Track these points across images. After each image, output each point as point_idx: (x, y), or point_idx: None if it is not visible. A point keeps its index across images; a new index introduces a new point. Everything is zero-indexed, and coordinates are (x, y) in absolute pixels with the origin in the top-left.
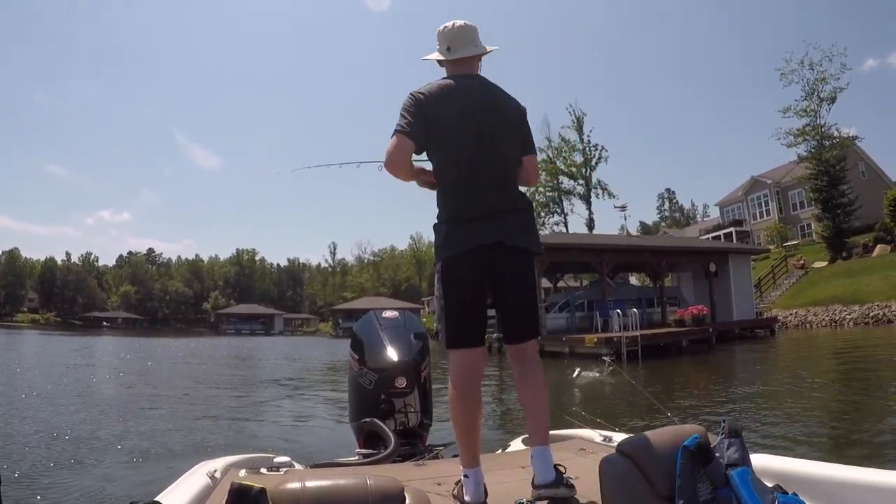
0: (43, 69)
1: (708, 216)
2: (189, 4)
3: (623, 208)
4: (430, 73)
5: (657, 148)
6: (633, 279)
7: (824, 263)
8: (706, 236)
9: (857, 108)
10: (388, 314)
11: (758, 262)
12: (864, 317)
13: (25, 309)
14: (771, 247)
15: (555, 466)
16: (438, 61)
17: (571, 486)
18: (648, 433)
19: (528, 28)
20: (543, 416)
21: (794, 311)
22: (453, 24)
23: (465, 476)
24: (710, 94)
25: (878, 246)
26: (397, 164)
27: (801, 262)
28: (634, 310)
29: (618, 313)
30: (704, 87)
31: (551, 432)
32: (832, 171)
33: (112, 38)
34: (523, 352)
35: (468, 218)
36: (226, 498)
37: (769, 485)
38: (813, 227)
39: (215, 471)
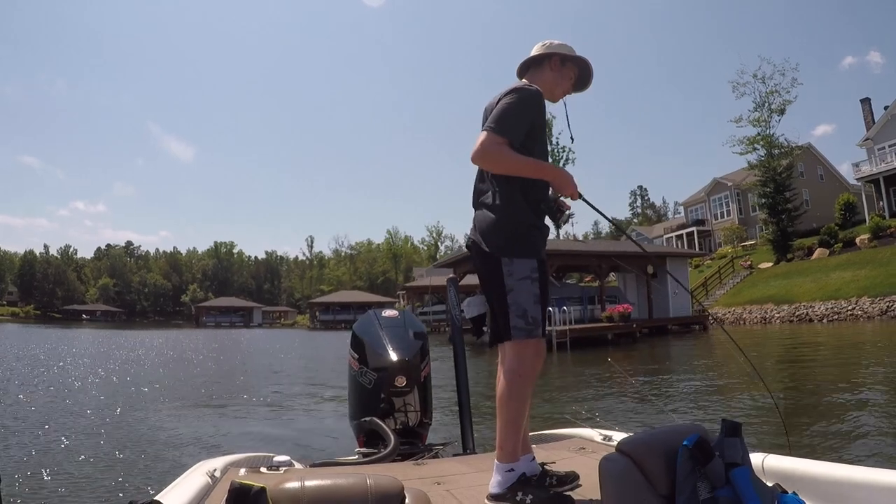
0: (14, 60)
1: (679, 213)
2: None
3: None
4: (429, 75)
5: (632, 144)
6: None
7: (769, 264)
8: (670, 235)
9: (836, 104)
10: (387, 313)
11: (713, 262)
12: (790, 315)
13: (5, 302)
14: (729, 247)
15: (542, 466)
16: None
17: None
18: (648, 432)
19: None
20: (499, 426)
21: (733, 308)
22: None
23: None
24: (687, 92)
25: (818, 249)
26: None
27: (748, 262)
28: (564, 307)
29: (563, 310)
30: (684, 84)
31: (551, 431)
32: (778, 178)
33: (86, 30)
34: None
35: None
36: (225, 497)
37: (769, 484)
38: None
39: (215, 470)
